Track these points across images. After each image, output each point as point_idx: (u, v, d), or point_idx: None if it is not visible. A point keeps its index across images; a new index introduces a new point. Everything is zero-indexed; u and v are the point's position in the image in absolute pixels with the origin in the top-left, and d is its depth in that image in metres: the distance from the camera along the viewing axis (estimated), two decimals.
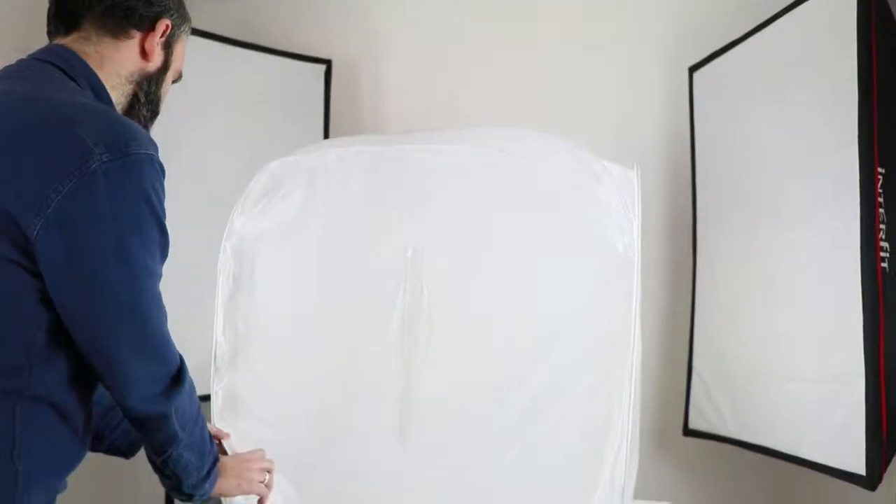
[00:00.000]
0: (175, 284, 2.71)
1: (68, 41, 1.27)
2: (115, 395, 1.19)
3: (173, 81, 1.39)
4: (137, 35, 1.28)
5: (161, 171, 1.14)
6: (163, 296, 1.19)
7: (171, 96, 2.50)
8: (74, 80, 1.22)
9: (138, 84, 1.30)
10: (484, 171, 1.65)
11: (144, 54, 1.29)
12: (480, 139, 1.70)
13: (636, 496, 1.70)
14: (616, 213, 1.54)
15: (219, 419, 1.66)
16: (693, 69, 2.64)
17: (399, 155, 1.71)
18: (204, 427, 1.33)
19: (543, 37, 3.04)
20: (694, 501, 2.69)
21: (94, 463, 1.42)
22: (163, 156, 1.19)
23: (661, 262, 2.84)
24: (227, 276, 1.69)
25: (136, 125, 1.16)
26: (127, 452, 1.46)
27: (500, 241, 1.60)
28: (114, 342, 1.13)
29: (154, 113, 1.35)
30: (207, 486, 1.34)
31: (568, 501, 1.56)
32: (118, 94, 1.28)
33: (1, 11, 2.87)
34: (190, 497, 1.34)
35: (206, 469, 1.33)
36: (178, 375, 1.22)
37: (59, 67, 1.22)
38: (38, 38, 3.10)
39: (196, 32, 2.79)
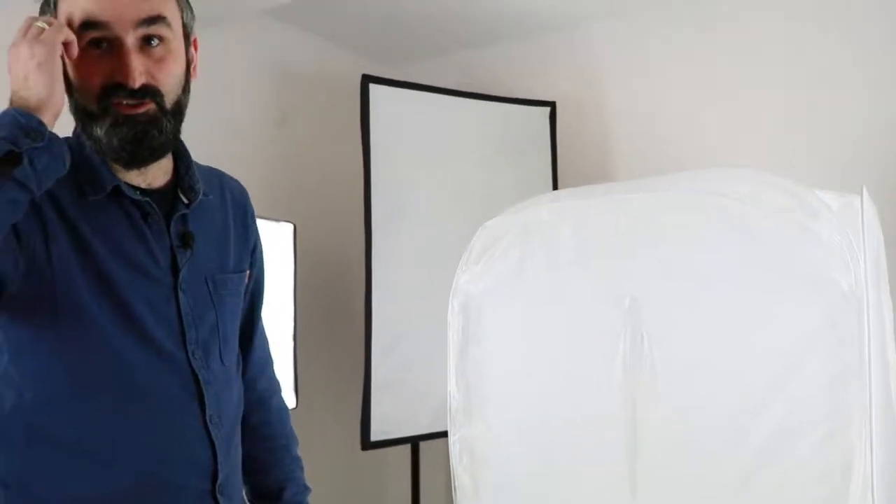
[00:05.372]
0: (416, 337, 2.90)
1: None
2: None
3: None
4: None
5: None
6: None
7: (399, 152, 2.58)
8: None
9: None
10: (696, 215, 1.64)
11: None
12: (691, 182, 1.70)
13: None
14: (837, 251, 1.46)
15: (459, 467, 1.78)
16: None
17: (610, 205, 1.75)
18: None
19: (775, 59, 2.90)
20: None
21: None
22: (393, 210, 1.40)
23: None
24: (457, 331, 1.82)
25: None
26: None
27: (717, 286, 1.59)
28: None
29: None
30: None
31: None
32: None
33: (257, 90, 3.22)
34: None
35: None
36: None
37: None
38: (292, 105, 3.34)
39: (420, 87, 3.01)
